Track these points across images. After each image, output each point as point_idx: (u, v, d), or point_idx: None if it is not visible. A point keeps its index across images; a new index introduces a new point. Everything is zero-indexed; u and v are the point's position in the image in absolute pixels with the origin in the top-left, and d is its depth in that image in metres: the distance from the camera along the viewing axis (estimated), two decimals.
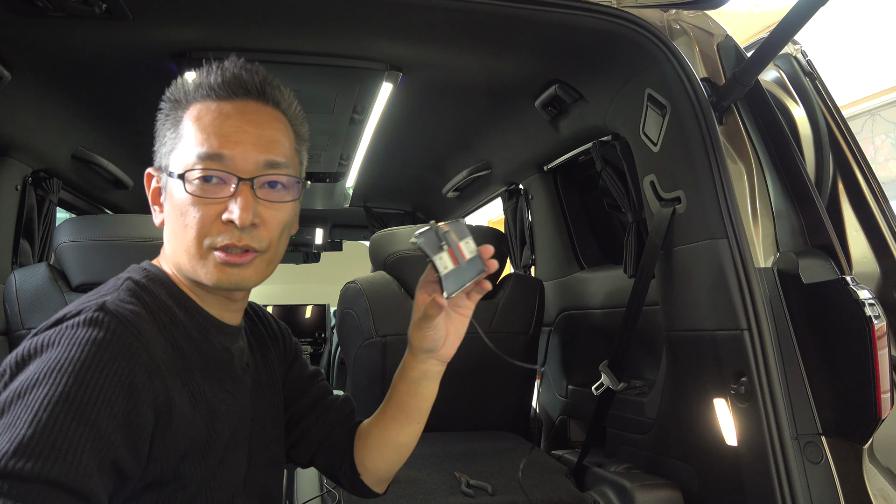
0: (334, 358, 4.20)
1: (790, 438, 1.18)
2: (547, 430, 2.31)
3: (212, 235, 0.79)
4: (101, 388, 0.66)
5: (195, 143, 0.80)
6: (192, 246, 0.80)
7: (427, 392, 1.00)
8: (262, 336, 1.02)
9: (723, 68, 1.42)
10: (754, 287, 1.24)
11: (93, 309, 0.71)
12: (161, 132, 0.85)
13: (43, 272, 1.66)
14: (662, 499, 1.40)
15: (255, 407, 0.92)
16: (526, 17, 1.33)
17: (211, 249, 0.79)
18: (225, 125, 0.81)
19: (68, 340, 0.68)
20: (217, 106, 0.82)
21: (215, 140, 0.79)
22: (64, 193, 2.32)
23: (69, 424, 0.63)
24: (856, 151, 1.42)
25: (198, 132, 0.80)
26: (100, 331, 0.69)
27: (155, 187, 0.87)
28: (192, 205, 0.79)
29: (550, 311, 2.28)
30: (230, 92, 0.82)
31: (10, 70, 1.49)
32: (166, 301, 0.81)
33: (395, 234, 1.92)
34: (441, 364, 0.98)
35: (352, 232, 4.24)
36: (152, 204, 0.87)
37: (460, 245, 0.89)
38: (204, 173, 0.78)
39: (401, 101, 1.91)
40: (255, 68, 0.84)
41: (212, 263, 0.80)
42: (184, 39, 1.46)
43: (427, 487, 1.43)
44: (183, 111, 0.83)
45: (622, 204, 1.86)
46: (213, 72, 0.83)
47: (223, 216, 0.79)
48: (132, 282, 0.81)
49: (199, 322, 0.84)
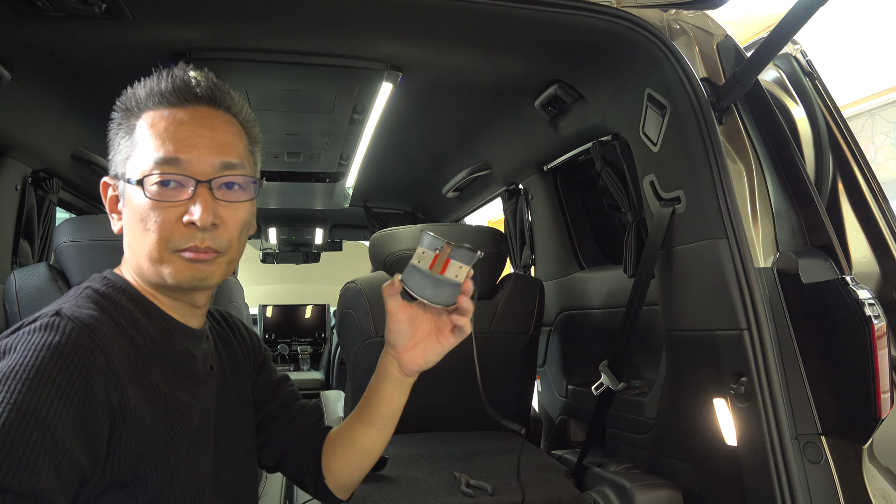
0: (334, 358, 4.20)
1: (790, 438, 1.18)
2: (547, 430, 2.31)
3: (174, 239, 0.81)
4: (56, 392, 0.67)
5: (151, 148, 0.81)
6: (155, 250, 0.81)
7: (387, 396, 1.00)
8: (229, 340, 1.04)
9: (723, 68, 1.42)
10: (754, 287, 1.24)
11: (49, 314, 0.73)
12: (114, 141, 0.86)
13: (43, 272, 1.66)
14: (662, 499, 1.40)
15: (221, 408, 0.93)
16: (526, 17, 1.33)
17: (174, 251, 0.81)
18: (179, 130, 0.82)
19: (24, 346, 0.68)
20: (170, 112, 0.83)
21: (171, 145, 0.81)
22: (64, 193, 2.32)
23: (24, 430, 0.63)
24: (856, 151, 1.42)
25: (153, 138, 0.82)
26: (55, 335, 0.70)
27: (112, 195, 0.88)
28: (151, 209, 0.80)
29: (550, 311, 2.28)
30: (181, 98, 0.84)
31: (10, 70, 1.49)
32: (127, 306, 0.82)
33: (394, 234, 1.92)
34: (403, 375, 0.99)
35: (352, 232, 4.25)
36: (110, 212, 0.88)
37: (452, 263, 0.88)
38: (162, 178, 0.80)
39: (401, 101, 1.91)
40: (205, 74, 0.87)
41: (177, 263, 0.82)
42: (184, 39, 1.46)
43: (427, 487, 1.43)
44: (135, 119, 0.84)
45: (622, 204, 1.86)
46: (163, 79, 0.84)
47: (184, 218, 0.80)
48: (92, 290, 0.83)
49: (162, 325, 0.85)
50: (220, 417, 0.92)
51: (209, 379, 0.91)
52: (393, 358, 0.98)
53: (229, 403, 0.96)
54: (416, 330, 0.95)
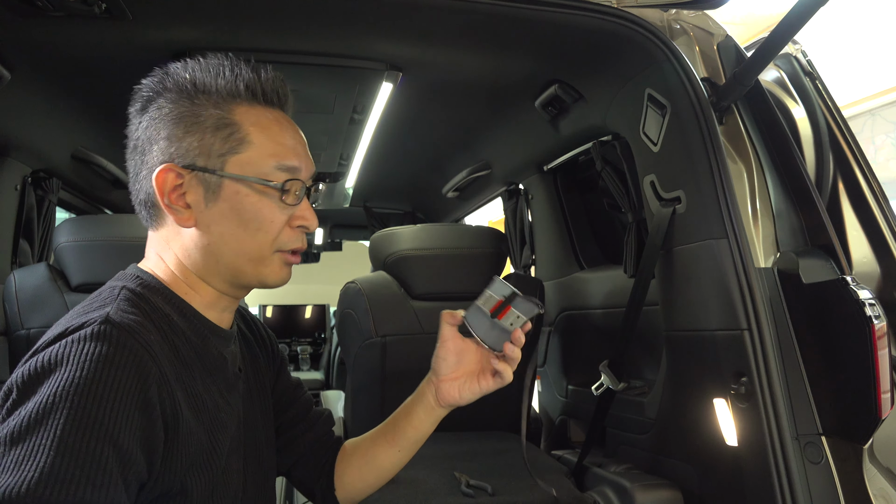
0: (334, 358, 4.20)
1: (790, 438, 1.18)
2: (547, 430, 2.31)
3: (281, 240, 0.84)
4: (119, 404, 0.65)
5: (274, 152, 0.82)
6: (262, 250, 0.83)
7: (417, 420, 1.02)
8: (250, 341, 1.03)
9: (723, 68, 1.42)
10: (754, 287, 1.24)
11: (98, 322, 0.70)
12: (190, 127, 0.80)
13: (42, 272, 1.66)
14: (662, 499, 1.40)
15: (247, 412, 0.92)
16: (526, 17, 1.33)
17: (275, 252, 0.84)
18: (288, 136, 0.85)
19: (77, 357, 0.66)
20: (271, 114, 0.85)
21: (291, 152, 0.84)
22: (63, 193, 2.32)
23: (93, 446, 0.62)
24: (856, 151, 1.42)
25: (270, 142, 0.83)
26: (108, 346, 0.67)
27: (175, 185, 0.81)
28: (268, 210, 0.82)
29: (550, 311, 2.28)
30: (275, 100, 0.86)
31: (10, 70, 1.49)
32: (164, 308, 0.80)
33: (395, 234, 1.92)
34: (437, 404, 1.01)
35: (352, 232, 4.24)
36: (173, 204, 0.81)
37: (511, 311, 0.93)
38: (289, 184, 0.83)
39: (401, 101, 1.91)
40: (278, 75, 0.87)
41: (276, 265, 0.85)
42: (184, 39, 1.46)
43: (427, 487, 1.43)
44: (225, 111, 0.81)
45: (622, 204, 1.86)
46: (254, 76, 0.84)
47: (295, 222, 0.85)
48: (128, 290, 0.79)
49: (197, 327, 0.83)
50: (248, 423, 0.91)
51: (238, 382, 0.90)
52: (433, 384, 1.00)
53: (254, 407, 0.95)
54: (461, 363, 0.98)
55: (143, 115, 0.83)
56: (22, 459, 0.60)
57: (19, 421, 0.63)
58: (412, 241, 1.88)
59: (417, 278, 1.86)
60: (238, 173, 0.81)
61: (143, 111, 0.83)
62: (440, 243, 1.88)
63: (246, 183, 0.81)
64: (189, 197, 0.81)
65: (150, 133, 0.82)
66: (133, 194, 0.87)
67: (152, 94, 0.83)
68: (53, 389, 0.64)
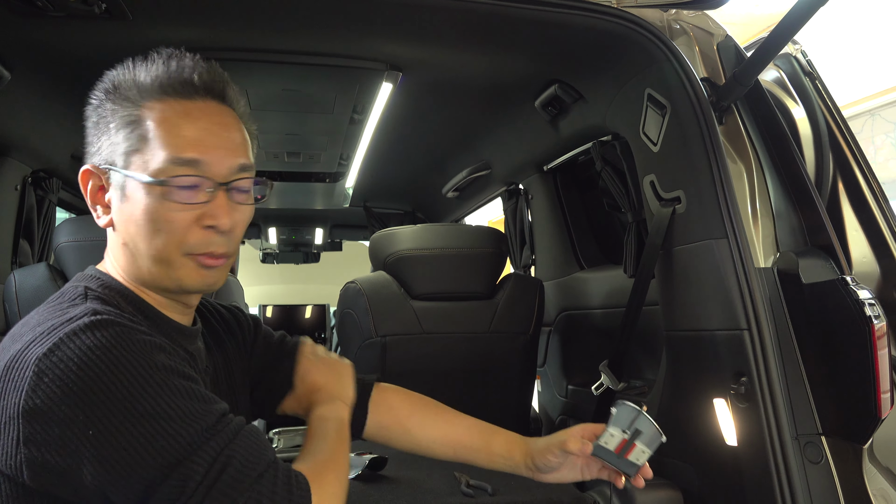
0: None
1: (790, 438, 1.18)
2: (547, 430, 2.31)
3: (188, 242, 0.79)
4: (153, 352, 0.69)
5: (168, 146, 0.77)
6: (166, 251, 0.78)
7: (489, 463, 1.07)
8: (216, 332, 1.00)
9: (723, 68, 1.42)
10: (754, 287, 1.24)
11: (87, 314, 0.69)
12: (104, 128, 0.80)
13: (42, 272, 1.66)
14: (662, 499, 1.40)
15: None
16: (526, 17, 1.33)
17: (186, 255, 0.79)
18: (195, 128, 0.79)
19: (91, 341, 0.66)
20: (181, 106, 0.79)
21: (190, 145, 0.78)
22: (63, 193, 2.32)
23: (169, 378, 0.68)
24: (856, 151, 1.42)
25: (169, 135, 0.77)
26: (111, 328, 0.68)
27: (96, 185, 0.81)
28: (166, 210, 0.77)
29: (550, 311, 2.28)
30: (190, 91, 0.80)
31: (10, 70, 1.49)
32: (126, 308, 0.78)
33: (395, 234, 1.92)
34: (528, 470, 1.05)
35: (352, 232, 4.24)
36: (93, 204, 0.82)
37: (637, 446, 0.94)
38: (185, 181, 0.77)
39: (401, 101, 1.91)
40: (214, 67, 0.83)
41: (189, 267, 0.80)
42: (184, 39, 1.45)
43: (427, 487, 1.43)
44: (136, 108, 0.79)
45: (622, 204, 1.86)
46: (167, 67, 0.80)
47: (204, 222, 0.79)
48: (91, 290, 0.78)
49: (163, 328, 0.82)
50: None
51: (206, 378, 0.90)
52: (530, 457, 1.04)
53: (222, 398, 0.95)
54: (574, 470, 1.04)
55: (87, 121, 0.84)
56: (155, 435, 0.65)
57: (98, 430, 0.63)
58: (412, 241, 1.88)
59: (417, 278, 1.86)
60: (138, 171, 0.77)
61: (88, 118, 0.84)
62: (440, 243, 1.88)
63: (143, 182, 0.77)
64: (107, 197, 0.81)
65: (88, 136, 0.83)
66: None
67: (97, 94, 0.83)
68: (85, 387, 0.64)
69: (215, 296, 1.69)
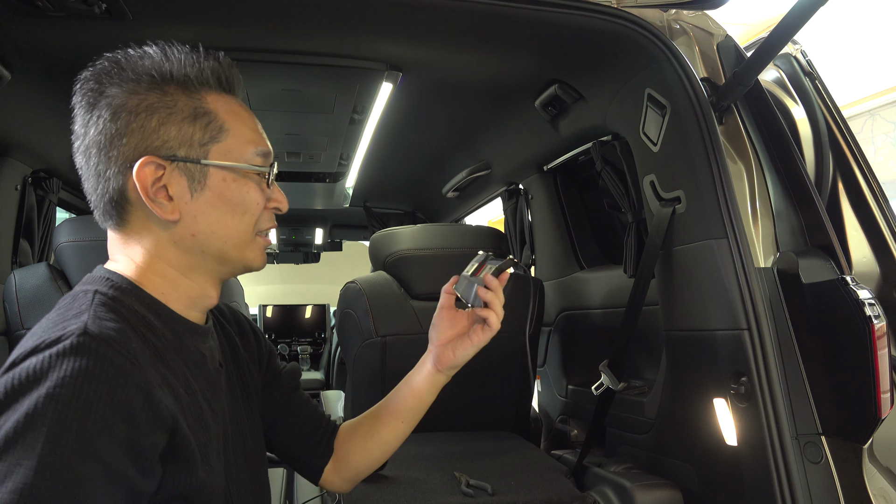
0: (334, 358, 4.20)
1: (790, 438, 1.18)
2: (547, 430, 2.31)
3: (261, 221, 0.88)
4: (101, 419, 0.63)
5: (251, 140, 0.85)
6: (247, 233, 0.86)
7: (418, 388, 1.09)
8: (230, 335, 1.01)
9: (723, 68, 1.42)
10: (754, 287, 1.24)
11: (74, 333, 0.66)
12: (164, 118, 0.79)
13: (43, 272, 1.66)
14: (662, 499, 1.40)
15: (231, 406, 0.91)
16: (526, 17, 1.33)
17: (257, 234, 0.88)
18: (256, 123, 0.89)
19: (57, 374, 0.63)
20: (235, 102, 0.87)
21: (263, 139, 0.88)
22: (64, 193, 2.32)
23: (76, 463, 0.61)
24: (856, 151, 1.42)
25: (245, 127, 0.86)
26: (87, 359, 0.65)
27: (153, 179, 0.79)
28: (253, 194, 0.85)
29: (550, 311, 2.28)
30: (233, 88, 0.88)
31: (10, 70, 1.49)
32: (139, 309, 0.77)
33: (395, 234, 1.92)
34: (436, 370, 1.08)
35: (352, 232, 4.25)
36: (156, 198, 0.79)
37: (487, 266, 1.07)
38: (270, 168, 0.87)
39: (401, 101, 1.91)
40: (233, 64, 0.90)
41: (258, 248, 0.88)
42: (183, 39, 1.44)
43: (427, 487, 1.43)
44: (202, 101, 0.82)
45: (622, 204, 1.86)
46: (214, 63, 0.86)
47: (270, 205, 0.88)
48: (101, 294, 0.76)
49: (173, 326, 0.81)
50: (232, 417, 0.91)
51: (220, 377, 0.89)
52: (431, 352, 1.08)
53: (237, 401, 0.95)
54: (453, 327, 1.08)
55: (98, 110, 0.80)
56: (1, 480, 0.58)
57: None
58: (412, 241, 1.88)
59: (417, 278, 1.86)
60: (223, 161, 0.83)
61: (94, 106, 0.80)
62: (440, 243, 1.89)
63: (231, 170, 0.83)
64: (172, 189, 0.80)
65: (115, 126, 0.78)
66: (95, 195, 0.83)
67: (103, 87, 0.80)
68: (31, 407, 0.61)
69: None
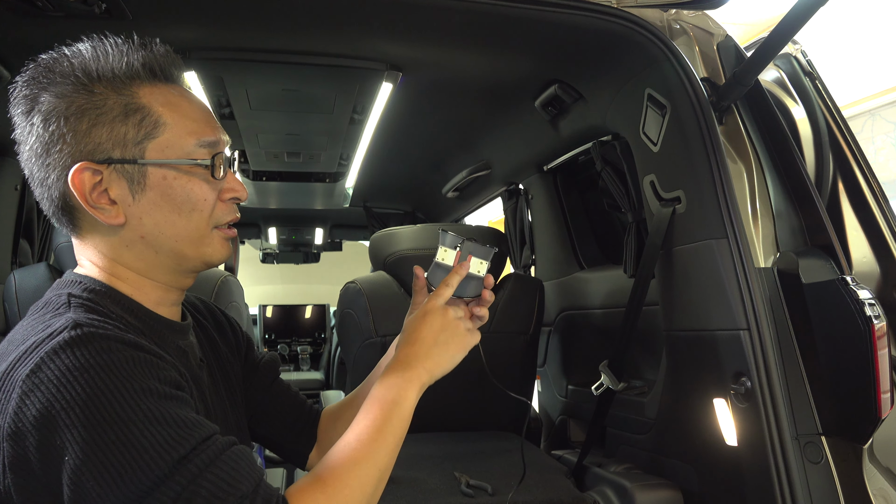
0: (334, 358, 4.20)
1: (790, 438, 1.18)
2: (547, 430, 2.31)
3: (216, 215, 0.82)
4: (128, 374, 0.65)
5: (187, 130, 0.79)
6: (200, 230, 0.81)
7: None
8: (208, 330, 1.00)
9: (723, 68, 1.42)
10: (754, 287, 1.24)
11: (67, 327, 0.66)
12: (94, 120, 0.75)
13: (43, 272, 1.66)
14: (662, 499, 1.40)
15: (213, 400, 0.91)
16: (526, 17, 1.33)
17: (213, 229, 0.83)
18: (198, 110, 0.82)
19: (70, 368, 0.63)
20: (171, 90, 0.81)
21: (203, 126, 0.81)
22: None
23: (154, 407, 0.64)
24: (856, 151, 1.42)
25: (183, 118, 0.79)
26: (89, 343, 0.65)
27: (92, 184, 0.76)
28: (198, 190, 0.80)
29: (550, 311, 2.28)
30: (171, 75, 0.82)
31: (10, 70, 1.49)
32: (115, 310, 0.76)
33: (395, 234, 1.92)
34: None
35: (352, 232, 4.25)
36: (97, 203, 0.76)
37: (473, 260, 0.96)
38: (217, 160, 0.81)
39: (401, 101, 1.91)
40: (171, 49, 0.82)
41: (217, 242, 0.83)
42: (184, 39, 1.46)
43: (427, 487, 1.43)
44: (133, 96, 0.77)
45: (622, 204, 1.86)
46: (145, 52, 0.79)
47: (225, 196, 0.83)
48: (76, 297, 0.75)
49: (151, 324, 0.81)
50: (215, 411, 0.90)
51: (202, 372, 0.89)
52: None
53: (220, 394, 0.94)
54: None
55: (33, 116, 0.77)
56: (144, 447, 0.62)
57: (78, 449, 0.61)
58: (412, 241, 1.88)
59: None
60: (161, 158, 0.77)
61: (30, 112, 0.77)
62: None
63: (172, 167, 0.78)
64: (113, 192, 0.77)
65: (48, 133, 0.75)
66: (44, 202, 0.80)
67: (36, 92, 0.77)
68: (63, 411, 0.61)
69: (215, 297, 1.69)
